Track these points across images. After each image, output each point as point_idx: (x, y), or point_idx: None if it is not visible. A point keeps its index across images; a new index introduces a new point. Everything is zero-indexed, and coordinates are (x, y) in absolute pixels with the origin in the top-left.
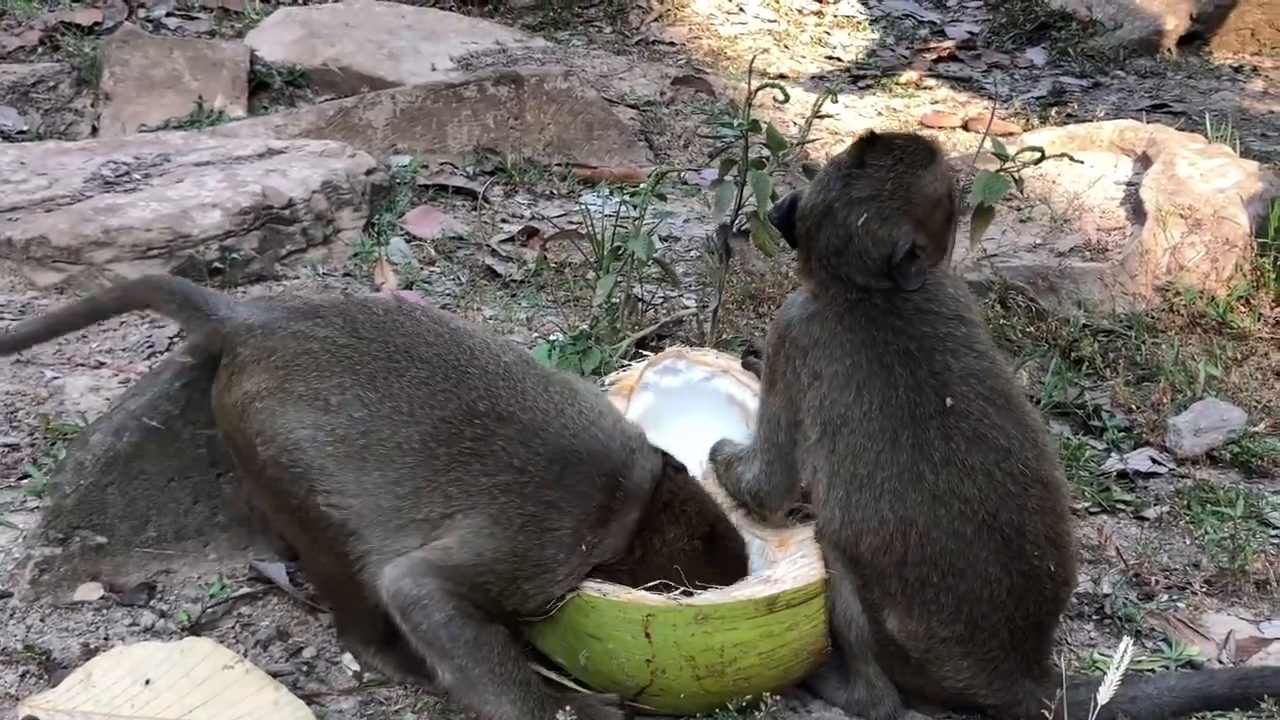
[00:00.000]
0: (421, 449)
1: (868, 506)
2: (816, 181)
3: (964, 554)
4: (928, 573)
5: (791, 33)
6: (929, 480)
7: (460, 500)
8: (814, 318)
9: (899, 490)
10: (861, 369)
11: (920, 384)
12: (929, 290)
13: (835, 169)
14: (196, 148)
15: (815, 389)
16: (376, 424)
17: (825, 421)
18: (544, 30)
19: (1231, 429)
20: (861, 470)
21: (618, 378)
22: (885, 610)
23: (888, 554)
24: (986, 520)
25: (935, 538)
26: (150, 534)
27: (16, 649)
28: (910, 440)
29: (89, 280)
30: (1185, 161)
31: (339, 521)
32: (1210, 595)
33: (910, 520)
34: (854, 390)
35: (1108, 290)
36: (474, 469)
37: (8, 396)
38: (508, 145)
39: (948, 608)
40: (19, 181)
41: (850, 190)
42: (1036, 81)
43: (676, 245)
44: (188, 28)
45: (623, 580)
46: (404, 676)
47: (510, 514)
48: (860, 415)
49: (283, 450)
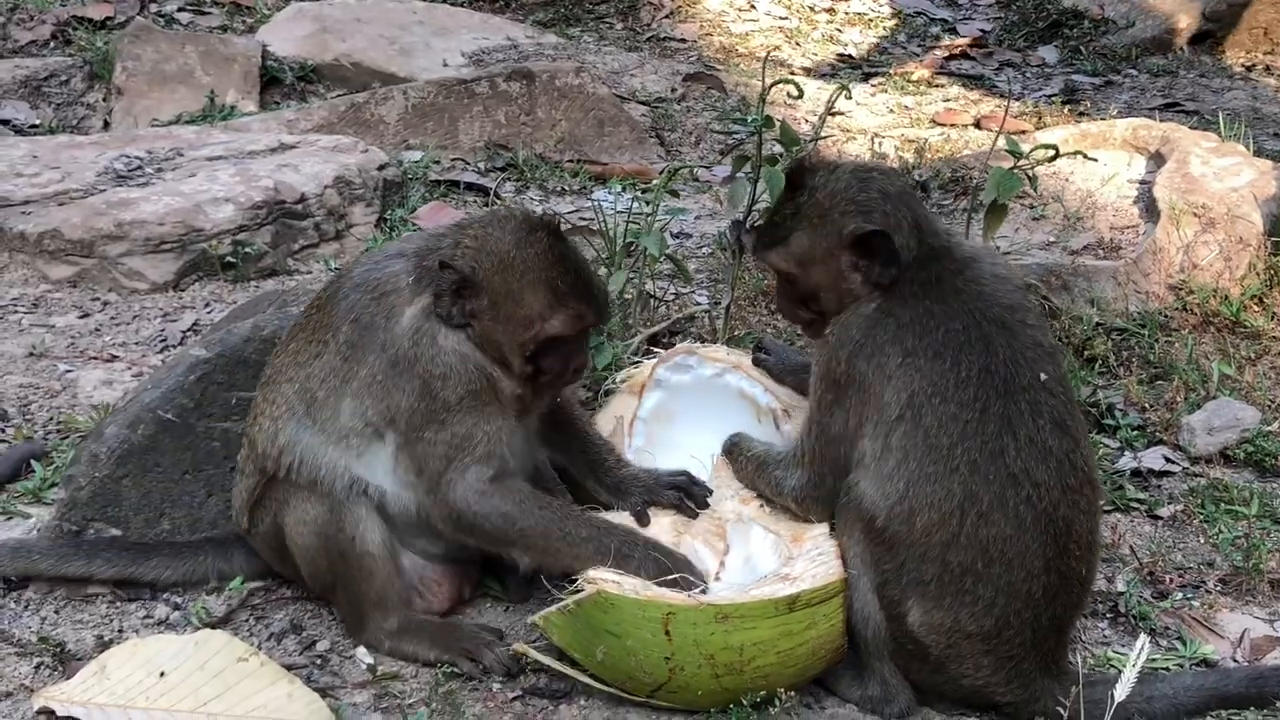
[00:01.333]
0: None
1: (937, 481)
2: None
3: (1017, 542)
4: (974, 559)
5: (803, 29)
6: (1010, 456)
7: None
8: (881, 318)
9: (977, 463)
10: (957, 335)
11: (1016, 355)
12: (994, 257)
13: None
14: (209, 142)
15: (907, 366)
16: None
17: (913, 393)
18: (555, 26)
19: (1245, 428)
20: (944, 441)
21: (629, 374)
22: (909, 603)
23: (940, 532)
24: (1048, 511)
25: (995, 520)
26: (164, 527)
27: (31, 641)
28: (1000, 411)
29: (101, 274)
30: (1198, 160)
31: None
32: (1224, 594)
33: (976, 497)
34: (949, 358)
35: (1121, 288)
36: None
37: (21, 390)
38: (519, 141)
39: (982, 600)
40: (31, 175)
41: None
42: (1049, 79)
43: (688, 242)
44: (199, 22)
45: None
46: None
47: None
48: (955, 384)
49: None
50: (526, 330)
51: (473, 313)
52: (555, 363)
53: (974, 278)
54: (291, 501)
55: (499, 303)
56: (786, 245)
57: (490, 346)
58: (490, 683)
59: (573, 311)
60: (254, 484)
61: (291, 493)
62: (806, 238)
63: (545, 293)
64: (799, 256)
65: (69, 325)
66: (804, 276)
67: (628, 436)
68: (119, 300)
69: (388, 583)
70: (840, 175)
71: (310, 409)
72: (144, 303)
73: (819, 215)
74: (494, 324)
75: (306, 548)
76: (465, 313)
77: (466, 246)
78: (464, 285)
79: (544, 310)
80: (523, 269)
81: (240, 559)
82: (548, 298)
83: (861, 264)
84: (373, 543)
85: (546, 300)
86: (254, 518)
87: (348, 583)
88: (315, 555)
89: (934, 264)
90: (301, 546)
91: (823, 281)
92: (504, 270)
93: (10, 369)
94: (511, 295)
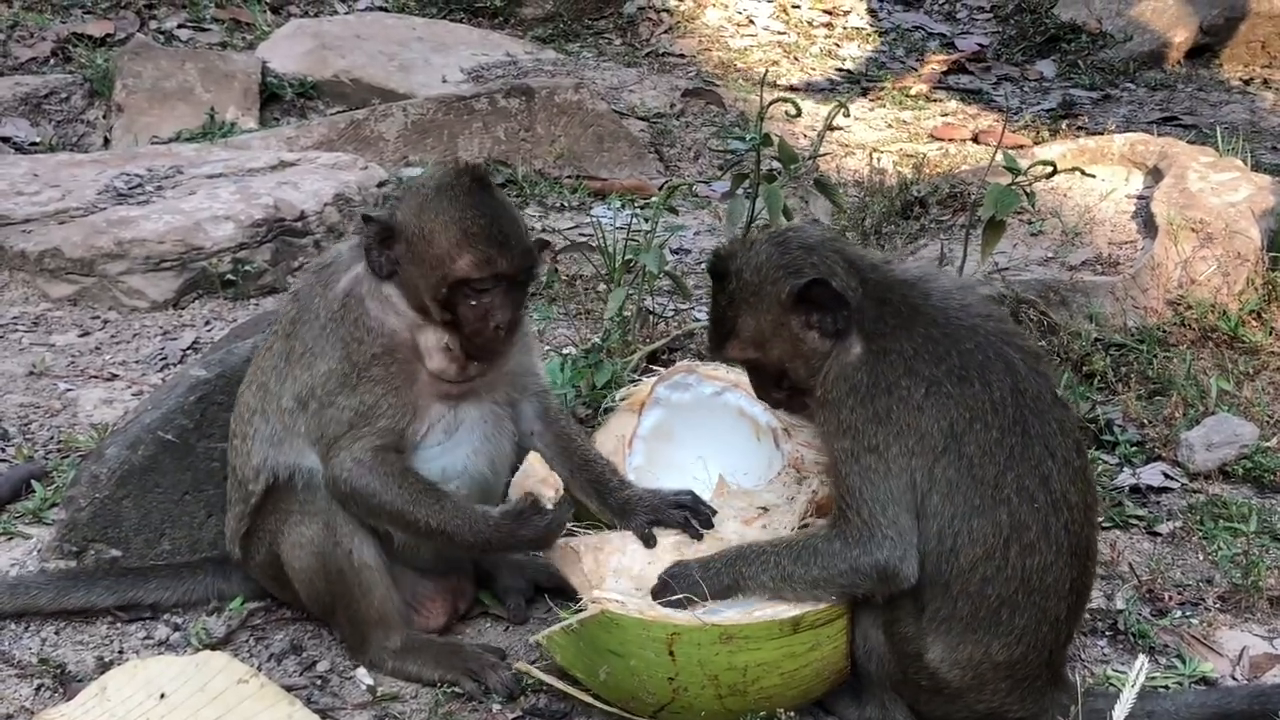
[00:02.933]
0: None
1: (984, 514)
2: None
3: (1054, 569)
4: (1014, 590)
5: (801, 45)
6: (1054, 481)
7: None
8: (879, 356)
9: (1028, 489)
10: (973, 356)
11: (1031, 368)
12: (939, 271)
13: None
14: (209, 160)
15: (935, 394)
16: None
17: (952, 421)
18: (554, 42)
19: (1244, 444)
20: (990, 470)
21: (629, 392)
22: (928, 640)
23: (983, 568)
24: (1077, 533)
25: (1039, 549)
26: (164, 547)
27: (31, 662)
28: (1039, 432)
29: (101, 292)
30: (1196, 175)
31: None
32: (1223, 611)
33: (1025, 527)
34: (977, 380)
35: (1119, 304)
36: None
37: (22, 409)
38: (519, 157)
39: (1016, 630)
40: (32, 194)
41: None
42: (1046, 94)
43: (687, 258)
44: (199, 39)
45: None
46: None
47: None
48: (991, 407)
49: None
50: (435, 270)
51: (396, 260)
52: (472, 313)
53: (940, 296)
54: (284, 529)
55: (413, 243)
56: (736, 335)
57: (411, 294)
58: (490, 703)
59: (481, 254)
60: (240, 512)
61: (282, 520)
62: (751, 319)
63: (455, 232)
64: (751, 339)
65: (69, 344)
66: (765, 357)
67: (627, 454)
68: (119, 319)
69: (387, 598)
70: (758, 249)
71: (265, 403)
72: (144, 321)
73: (752, 294)
74: (411, 267)
75: (304, 569)
76: (391, 261)
77: (394, 200)
78: (386, 233)
79: (452, 250)
80: (437, 210)
81: (239, 579)
82: (456, 237)
83: (812, 319)
84: (369, 554)
85: (455, 239)
86: (247, 548)
87: (348, 601)
88: (314, 577)
89: (892, 293)
90: (299, 570)
91: (784, 353)
92: (420, 213)
93: (10, 388)
94: (424, 236)
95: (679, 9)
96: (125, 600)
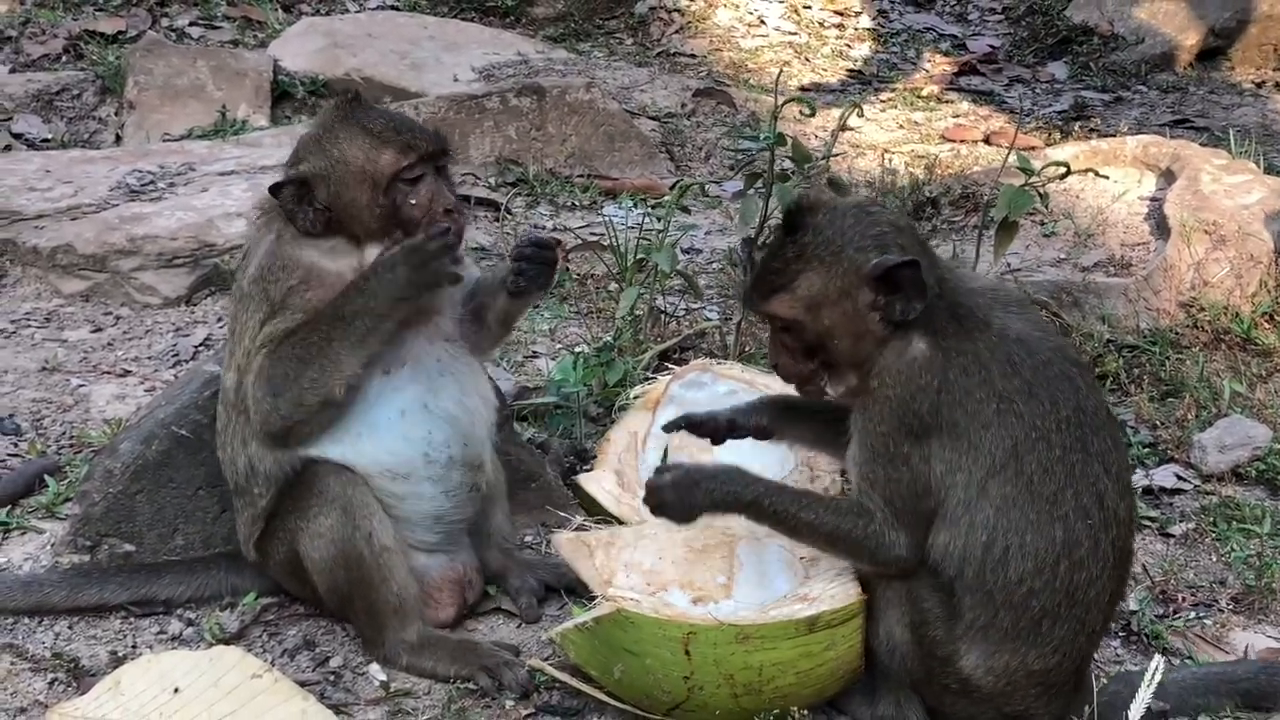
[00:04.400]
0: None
1: (1039, 529)
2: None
3: (1099, 583)
4: (1058, 603)
5: (812, 45)
6: (1109, 499)
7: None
8: (951, 358)
9: (1084, 507)
10: (1042, 372)
11: (1091, 385)
12: (995, 281)
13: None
14: (220, 157)
15: (1005, 413)
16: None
17: (1016, 441)
18: (565, 41)
19: (1257, 446)
20: (1049, 487)
21: (644, 390)
22: (964, 646)
23: (1031, 580)
24: (1124, 549)
25: (1088, 565)
26: (178, 542)
27: (45, 656)
28: (1098, 450)
29: (114, 288)
30: (1209, 177)
31: None
32: (1237, 613)
33: (1077, 543)
34: (1045, 398)
35: (1132, 305)
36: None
37: (34, 404)
38: (530, 156)
39: (1054, 640)
40: (45, 190)
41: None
42: (1058, 96)
43: (698, 257)
44: (211, 37)
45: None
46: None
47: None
48: (1056, 426)
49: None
50: (364, 182)
51: (325, 206)
52: (415, 208)
53: (1011, 308)
54: (303, 523)
55: (333, 177)
56: (792, 290)
57: (351, 225)
58: (504, 700)
59: (397, 143)
60: (251, 516)
61: (301, 516)
62: (818, 278)
63: (364, 140)
64: (808, 300)
65: (81, 340)
66: (813, 322)
67: (641, 452)
68: (131, 315)
69: (406, 584)
70: (845, 211)
71: (225, 403)
72: (156, 317)
73: (831, 254)
74: (342, 199)
75: (324, 560)
76: (319, 212)
77: (287, 166)
78: (301, 186)
79: (370, 154)
80: (336, 137)
81: (253, 574)
82: (368, 142)
83: (881, 300)
84: (388, 537)
85: (368, 145)
86: (264, 550)
87: (366, 590)
88: (333, 566)
89: (964, 297)
90: (318, 561)
91: (836, 325)
92: (323, 149)
93: (23, 383)
94: (341, 162)
95: (690, 9)
96: (139, 596)
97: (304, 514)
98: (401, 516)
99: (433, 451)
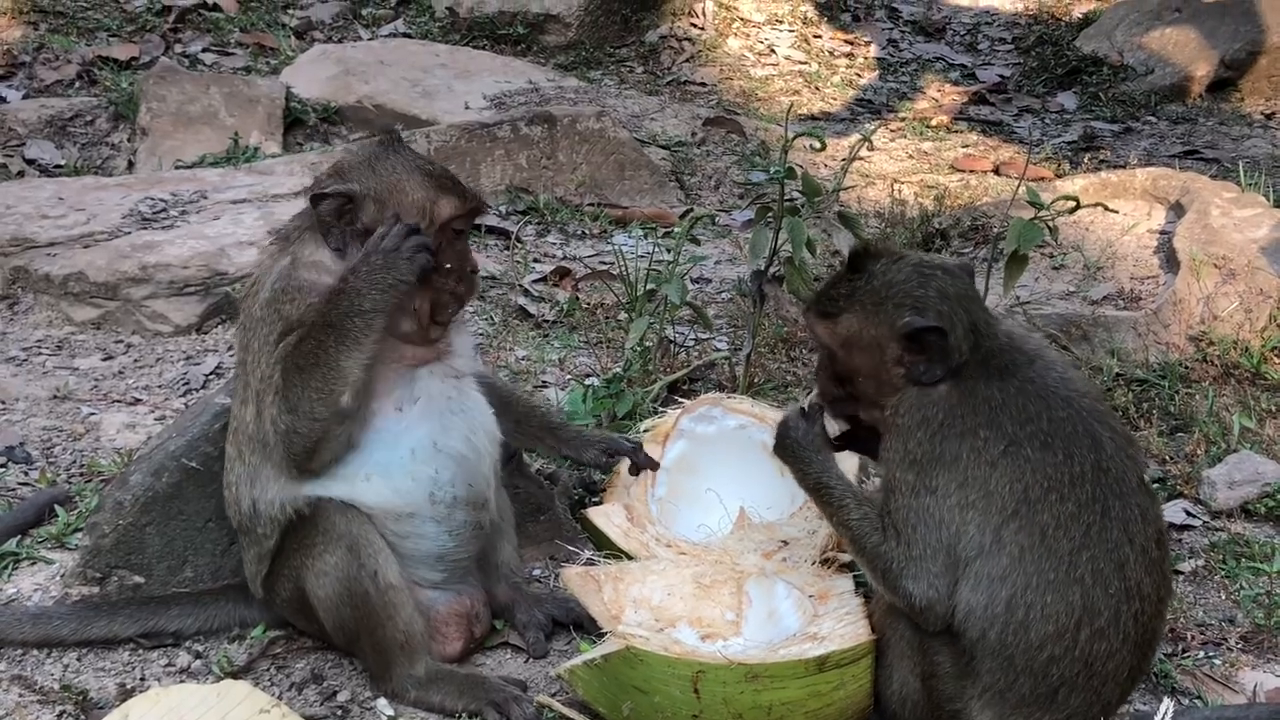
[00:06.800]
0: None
1: (1058, 590)
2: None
3: (1118, 657)
4: (1076, 673)
5: (822, 74)
6: (1130, 569)
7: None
8: (963, 398)
9: (1103, 573)
10: (1063, 426)
11: (1121, 451)
12: (1057, 353)
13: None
14: (233, 185)
15: (1013, 455)
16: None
17: (1026, 486)
18: (576, 70)
19: (1266, 482)
20: (1064, 544)
21: (654, 423)
22: (974, 705)
23: (1052, 647)
24: (1147, 624)
25: (1108, 635)
26: (187, 574)
27: (53, 689)
28: (1119, 515)
29: (125, 316)
30: (1219, 211)
31: None
32: (1246, 651)
33: (1096, 611)
34: (1060, 450)
35: (1141, 339)
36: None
37: (45, 432)
38: (540, 184)
39: (1069, 708)
40: (57, 217)
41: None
42: (1068, 126)
43: (708, 287)
44: (223, 64)
45: None
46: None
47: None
48: (1070, 480)
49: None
50: (421, 218)
51: (366, 228)
52: (454, 256)
53: (1044, 365)
54: (309, 561)
55: (385, 200)
56: (835, 322)
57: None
58: None
59: (457, 194)
60: (257, 555)
61: (306, 554)
62: (856, 321)
63: (424, 180)
64: (844, 337)
65: (92, 368)
66: (845, 357)
67: (650, 486)
68: (142, 343)
69: (412, 619)
70: (902, 266)
71: (236, 440)
72: (167, 345)
73: (874, 303)
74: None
75: (329, 598)
76: (356, 232)
77: (325, 180)
78: (347, 202)
79: (430, 194)
80: (388, 167)
81: (261, 607)
82: (429, 184)
83: (907, 359)
84: (393, 574)
85: (429, 186)
86: (270, 588)
87: (372, 627)
88: (339, 604)
89: (997, 355)
90: (324, 598)
91: (863, 366)
92: (373, 174)
93: (34, 411)
94: (397, 189)
95: (701, 38)
96: (147, 629)
97: (309, 552)
98: (406, 554)
99: (438, 491)
